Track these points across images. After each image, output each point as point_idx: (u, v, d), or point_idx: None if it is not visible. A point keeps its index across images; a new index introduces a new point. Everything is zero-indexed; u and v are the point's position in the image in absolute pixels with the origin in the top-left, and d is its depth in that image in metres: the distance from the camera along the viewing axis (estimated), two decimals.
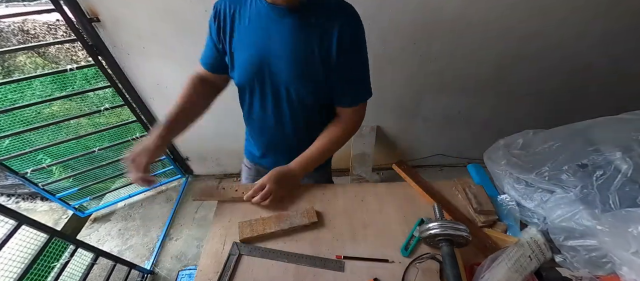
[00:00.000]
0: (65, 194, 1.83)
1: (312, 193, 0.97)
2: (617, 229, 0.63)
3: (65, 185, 1.86)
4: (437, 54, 1.46)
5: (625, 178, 0.72)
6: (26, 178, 1.63)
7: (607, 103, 1.46)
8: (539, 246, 0.72)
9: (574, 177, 0.78)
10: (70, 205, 1.89)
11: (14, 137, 1.53)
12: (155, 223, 1.99)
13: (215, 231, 0.87)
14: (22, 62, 1.73)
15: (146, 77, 1.57)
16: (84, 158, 1.81)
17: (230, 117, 1.80)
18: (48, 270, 1.26)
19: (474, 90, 1.65)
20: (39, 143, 1.62)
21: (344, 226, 0.87)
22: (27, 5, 1.62)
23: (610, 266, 0.66)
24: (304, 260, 0.79)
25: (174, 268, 1.73)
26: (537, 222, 0.83)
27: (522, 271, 0.67)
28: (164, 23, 1.34)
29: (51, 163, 1.70)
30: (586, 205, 0.73)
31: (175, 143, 2.02)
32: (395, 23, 1.32)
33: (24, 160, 1.62)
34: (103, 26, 1.35)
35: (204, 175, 2.31)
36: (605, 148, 0.79)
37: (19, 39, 1.64)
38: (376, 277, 0.75)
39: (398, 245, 0.81)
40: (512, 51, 1.45)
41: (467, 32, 1.37)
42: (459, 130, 1.90)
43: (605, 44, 1.43)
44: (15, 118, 1.52)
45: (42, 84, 1.57)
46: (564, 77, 1.57)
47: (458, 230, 0.67)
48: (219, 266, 0.77)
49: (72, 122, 1.68)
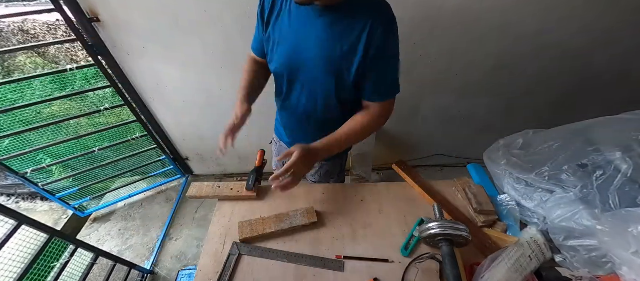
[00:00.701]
0: (65, 194, 1.83)
1: (312, 193, 0.97)
2: (617, 229, 0.63)
3: (65, 185, 1.86)
4: (436, 53, 1.46)
5: (625, 178, 0.72)
6: (26, 178, 1.62)
7: (607, 103, 1.46)
8: (539, 246, 0.72)
9: (574, 176, 0.78)
10: (70, 205, 1.89)
11: (14, 137, 1.53)
12: (155, 223, 1.99)
13: (215, 231, 0.87)
14: (22, 62, 1.72)
15: (146, 77, 1.57)
16: (84, 158, 1.81)
17: (230, 117, 1.80)
18: (48, 270, 1.26)
19: (474, 90, 1.65)
20: (39, 143, 1.62)
21: (344, 227, 0.87)
22: (27, 5, 1.62)
23: (610, 266, 0.66)
24: (304, 260, 0.79)
25: (174, 268, 1.73)
26: (537, 222, 0.83)
27: (522, 271, 0.67)
28: (164, 23, 1.33)
29: (51, 163, 1.70)
30: (586, 205, 0.73)
31: (175, 143, 2.02)
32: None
33: (24, 160, 1.62)
34: (103, 26, 1.35)
35: (204, 175, 2.31)
36: (605, 148, 0.79)
37: (19, 39, 1.64)
38: (376, 277, 0.75)
39: (398, 245, 0.81)
40: (512, 51, 1.45)
41: (467, 32, 1.37)
42: (459, 130, 1.90)
43: (606, 44, 1.43)
44: (15, 118, 1.52)
45: (42, 84, 1.57)
46: (564, 76, 1.57)
47: (458, 230, 0.67)
48: (219, 266, 0.78)
49: (72, 122, 1.68)
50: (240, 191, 0.96)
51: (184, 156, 2.12)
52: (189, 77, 1.56)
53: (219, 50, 1.43)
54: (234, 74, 1.55)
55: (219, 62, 1.49)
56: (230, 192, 0.96)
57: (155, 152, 2.01)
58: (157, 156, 2.05)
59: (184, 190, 2.18)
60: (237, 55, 1.45)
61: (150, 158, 2.04)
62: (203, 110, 1.75)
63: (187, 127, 1.89)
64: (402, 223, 0.87)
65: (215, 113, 1.76)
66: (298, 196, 0.96)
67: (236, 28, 1.35)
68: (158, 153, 2.03)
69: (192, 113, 1.76)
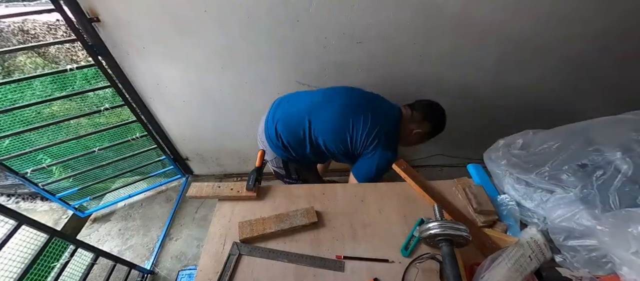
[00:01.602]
0: (65, 194, 1.83)
1: (312, 193, 0.97)
2: (617, 229, 0.63)
3: (65, 185, 1.86)
4: (436, 53, 1.46)
5: (625, 178, 0.71)
6: (26, 178, 1.63)
7: (607, 103, 1.46)
8: (539, 246, 0.72)
9: (574, 176, 0.78)
10: (70, 205, 1.89)
11: (14, 137, 1.53)
12: (155, 223, 1.99)
13: (215, 231, 0.87)
14: (22, 63, 1.72)
15: (146, 77, 1.57)
16: (84, 159, 1.81)
17: (230, 117, 1.80)
18: (48, 270, 1.26)
19: (474, 90, 1.65)
20: (39, 144, 1.62)
21: (344, 226, 0.87)
22: (27, 5, 1.62)
23: (610, 266, 0.66)
24: (304, 260, 0.79)
25: (174, 268, 1.73)
26: (537, 222, 0.83)
27: (522, 271, 0.67)
28: (164, 23, 1.33)
29: (51, 163, 1.70)
30: (586, 205, 0.72)
31: (175, 143, 2.02)
32: (395, 22, 1.32)
33: (24, 160, 1.62)
34: (103, 26, 1.35)
35: (204, 175, 2.31)
36: (605, 148, 0.79)
37: (18, 39, 1.63)
38: (376, 277, 0.75)
39: (398, 245, 0.81)
40: (511, 50, 1.45)
41: (467, 32, 1.37)
42: (458, 130, 1.90)
43: (606, 43, 1.43)
44: (15, 118, 1.52)
45: (42, 84, 1.57)
46: (564, 76, 1.57)
47: (458, 230, 0.67)
48: (219, 266, 0.78)
49: (72, 122, 1.68)
50: (240, 191, 0.96)
51: (184, 156, 2.12)
52: (189, 77, 1.56)
53: (219, 50, 1.43)
54: (234, 74, 1.55)
55: (219, 62, 1.49)
56: (230, 192, 0.96)
57: (155, 152, 2.01)
58: (157, 156, 2.05)
59: (184, 190, 2.18)
60: (237, 55, 1.46)
61: (150, 158, 2.04)
62: (203, 110, 1.75)
63: (187, 127, 1.89)
64: (402, 224, 0.87)
65: (215, 113, 1.76)
66: (298, 196, 0.96)
67: (236, 28, 1.35)
68: (158, 153, 2.03)
69: (192, 113, 1.76)
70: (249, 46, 1.41)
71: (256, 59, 1.47)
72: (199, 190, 0.97)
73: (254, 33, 1.36)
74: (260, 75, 1.54)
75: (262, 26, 1.33)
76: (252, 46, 1.41)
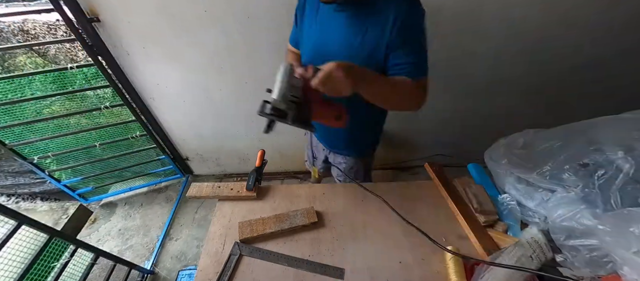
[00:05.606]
0: (69, 181, 1.91)
1: (312, 193, 0.97)
2: (619, 229, 0.63)
3: (68, 174, 1.92)
4: (436, 53, 1.45)
5: (627, 178, 0.71)
6: (34, 164, 1.70)
7: (608, 102, 1.46)
8: (539, 246, 0.72)
9: (575, 176, 0.78)
10: (74, 192, 1.95)
11: (14, 137, 1.54)
12: (155, 223, 1.99)
13: (215, 231, 0.87)
14: (22, 62, 1.72)
15: (146, 77, 1.57)
16: (83, 157, 1.84)
17: (230, 117, 1.80)
18: (48, 270, 1.26)
19: (474, 90, 1.64)
20: (39, 144, 1.63)
21: (344, 227, 0.86)
22: (27, 5, 1.62)
23: (612, 266, 0.66)
24: (304, 265, 0.78)
25: (174, 268, 1.72)
26: (538, 222, 0.82)
27: (523, 271, 0.67)
28: (164, 23, 1.33)
29: (56, 152, 1.75)
30: (587, 204, 0.72)
31: (175, 143, 2.02)
32: None
33: (31, 148, 1.67)
34: (103, 26, 1.35)
35: (204, 175, 2.31)
36: (606, 148, 0.78)
37: (18, 39, 1.64)
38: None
39: (399, 245, 0.81)
40: (512, 50, 1.44)
41: (467, 31, 1.37)
42: (459, 130, 1.90)
43: (607, 43, 1.42)
44: (15, 117, 1.52)
45: (43, 84, 1.57)
46: (565, 75, 1.57)
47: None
48: (219, 266, 0.77)
49: (72, 121, 1.68)
50: (240, 191, 0.96)
51: (184, 156, 2.12)
52: (189, 77, 1.56)
53: (219, 50, 1.43)
54: (234, 74, 1.55)
55: (219, 62, 1.49)
56: (230, 192, 0.95)
57: (154, 151, 2.02)
58: (157, 155, 2.06)
59: (184, 190, 2.18)
60: (237, 55, 1.45)
61: (149, 158, 2.04)
62: (203, 110, 1.75)
63: (187, 127, 1.89)
64: (402, 223, 0.86)
65: (215, 113, 1.76)
66: (298, 196, 0.96)
67: (236, 28, 1.35)
68: (157, 153, 2.04)
69: (192, 113, 1.76)
70: (248, 46, 1.41)
71: (256, 59, 1.47)
72: (199, 190, 0.96)
73: (253, 33, 1.36)
74: (260, 75, 1.54)
75: (262, 26, 1.33)
76: (252, 46, 1.41)
